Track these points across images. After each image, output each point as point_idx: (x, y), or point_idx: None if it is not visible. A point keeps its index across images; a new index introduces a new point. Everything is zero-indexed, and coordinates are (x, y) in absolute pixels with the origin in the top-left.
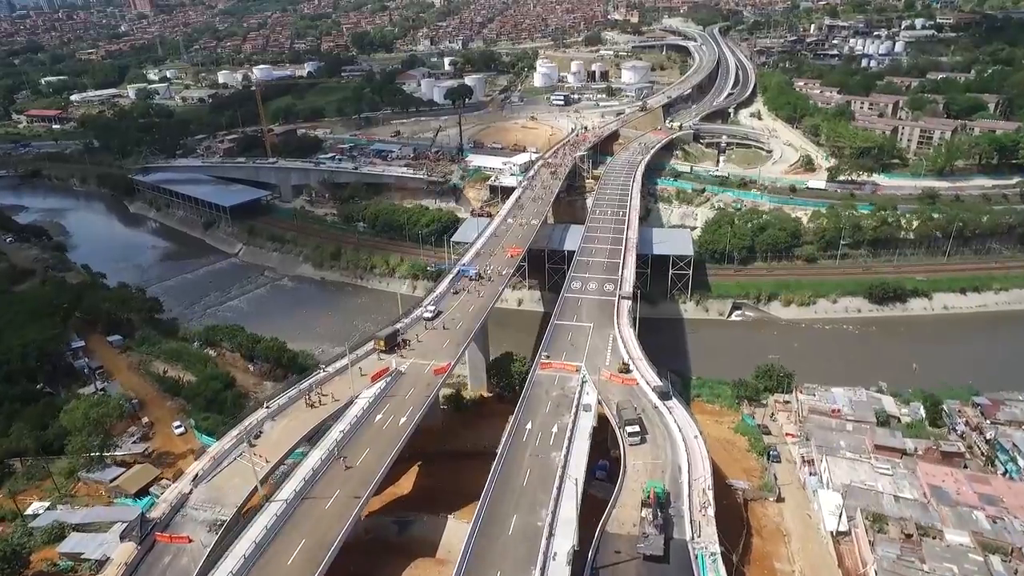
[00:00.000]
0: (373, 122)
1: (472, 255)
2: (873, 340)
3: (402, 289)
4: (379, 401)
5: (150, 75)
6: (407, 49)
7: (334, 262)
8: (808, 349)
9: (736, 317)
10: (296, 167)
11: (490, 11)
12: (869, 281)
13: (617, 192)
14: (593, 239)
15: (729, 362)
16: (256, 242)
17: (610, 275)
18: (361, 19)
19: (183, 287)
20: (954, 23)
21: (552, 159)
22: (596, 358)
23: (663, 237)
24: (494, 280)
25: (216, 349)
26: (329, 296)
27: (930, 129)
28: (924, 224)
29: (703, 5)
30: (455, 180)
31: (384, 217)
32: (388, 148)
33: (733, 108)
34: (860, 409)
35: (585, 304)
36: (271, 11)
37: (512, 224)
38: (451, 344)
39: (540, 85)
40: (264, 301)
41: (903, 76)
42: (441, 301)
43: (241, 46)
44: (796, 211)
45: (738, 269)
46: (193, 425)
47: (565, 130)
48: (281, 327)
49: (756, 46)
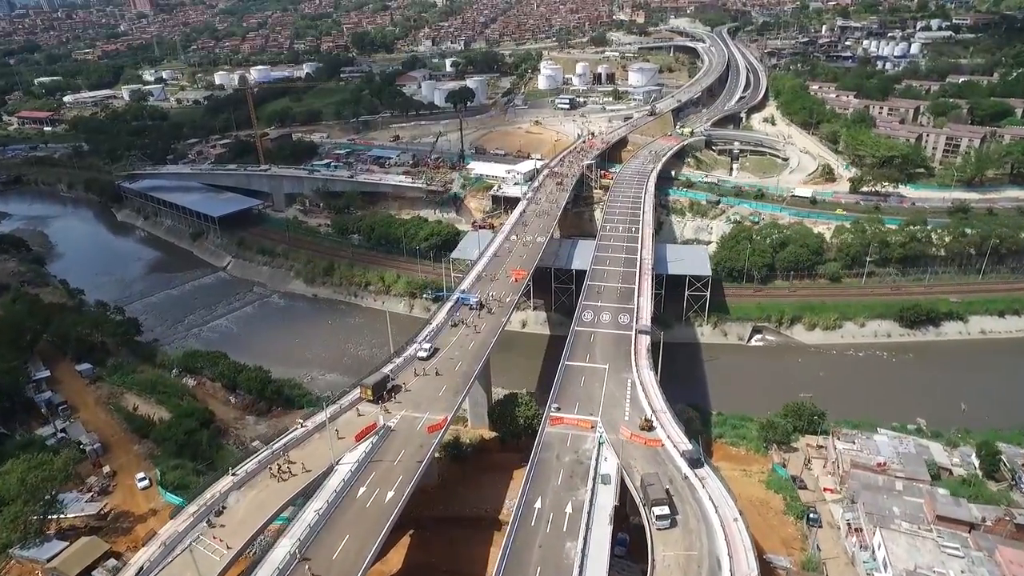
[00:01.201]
0: (371, 126)
1: (472, 279)
2: (906, 368)
3: (398, 308)
4: (363, 468)
5: (146, 76)
6: (408, 50)
7: (327, 278)
8: (836, 379)
9: (756, 342)
10: (289, 175)
11: (493, 11)
12: (899, 303)
13: (628, 205)
14: (604, 260)
15: (751, 393)
16: (246, 255)
17: (625, 304)
18: (362, 19)
19: (167, 304)
20: (971, 24)
21: (558, 168)
22: (614, 410)
23: (678, 254)
24: (496, 311)
25: (196, 377)
26: (321, 315)
27: (957, 137)
28: (956, 240)
29: (710, 5)
30: (456, 189)
31: (380, 230)
32: (386, 154)
33: (745, 113)
34: (909, 462)
35: (599, 340)
36: (272, 11)
37: (516, 242)
38: (448, 392)
39: (544, 87)
40: (251, 320)
41: (922, 79)
42: (438, 335)
43: (240, 46)
44: (818, 225)
45: (758, 289)
46: (159, 478)
47: (571, 135)
48: (268, 350)
49: (766, 47)
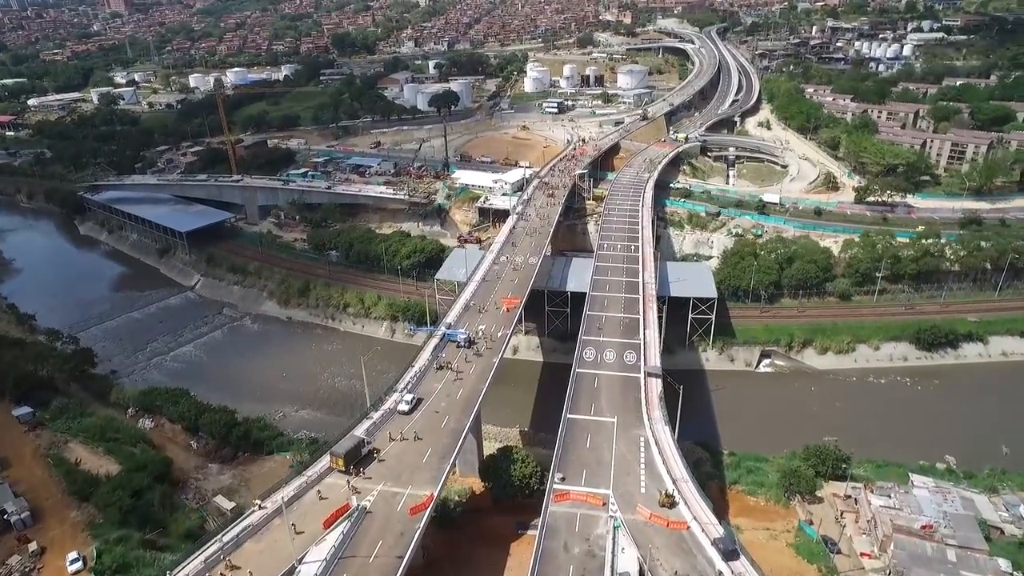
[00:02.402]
0: (351, 131)
1: (459, 309)
2: (926, 396)
3: (379, 332)
4: (331, 570)
5: (117, 78)
6: (390, 51)
7: (302, 299)
8: (853, 410)
9: (765, 367)
10: (263, 186)
11: (477, 11)
12: (915, 324)
13: (625, 219)
14: (604, 284)
15: (763, 427)
16: (216, 273)
17: (630, 337)
18: (343, 19)
19: (128, 329)
20: (962, 25)
21: (549, 178)
22: (627, 479)
23: (680, 273)
24: (486, 351)
25: (154, 418)
26: (295, 340)
27: (962, 143)
28: (972, 255)
29: (697, 5)
30: (440, 200)
31: (359, 246)
32: (366, 162)
33: (739, 117)
34: (959, 525)
35: (604, 385)
36: (251, 11)
37: (505, 264)
38: (433, 457)
39: (531, 90)
40: (220, 347)
41: (918, 82)
42: (420, 382)
43: (216, 47)
44: (824, 238)
45: (764, 309)
46: (95, 558)
47: (560, 141)
48: (237, 382)
49: (757, 49)
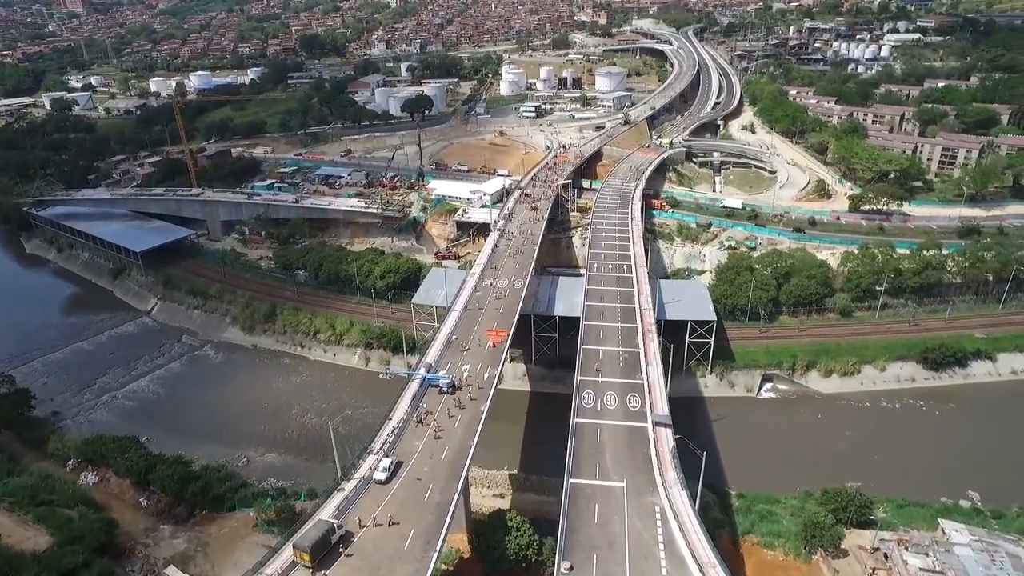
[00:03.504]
0: (321, 138)
1: (440, 345)
2: (938, 421)
3: (352, 361)
4: None
5: (71, 81)
6: (361, 53)
7: (268, 324)
8: (864, 437)
9: (767, 393)
10: (226, 200)
11: (449, 12)
12: (921, 342)
13: (614, 234)
14: (597, 312)
15: (771, 462)
16: (174, 296)
17: (631, 376)
18: (312, 20)
19: (75, 361)
20: (936, 26)
21: (531, 190)
22: (645, 565)
23: (674, 293)
24: (471, 400)
25: (99, 470)
26: (261, 371)
27: (953, 147)
28: (975, 267)
29: (672, 5)
30: (415, 213)
31: (329, 266)
32: (336, 172)
33: (722, 120)
34: None
35: (607, 439)
36: (216, 11)
37: (488, 288)
38: (417, 541)
39: (507, 93)
40: (178, 381)
41: (899, 84)
42: (399, 440)
43: (179, 50)
44: (821, 250)
45: (763, 329)
46: None
47: (540, 148)
48: (196, 422)
49: (736, 50)
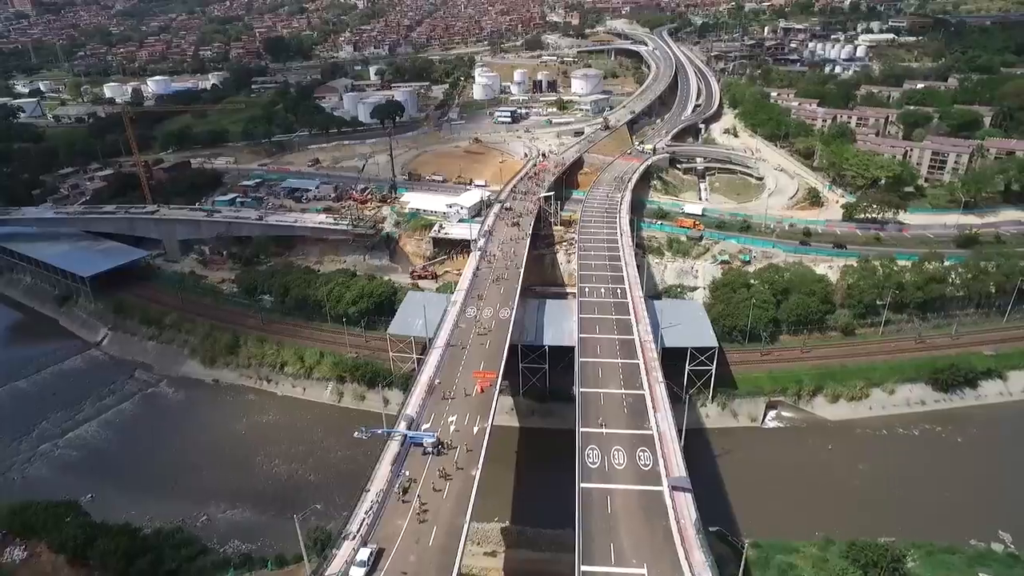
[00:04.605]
0: (286, 147)
1: (421, 394)
2: (955, 449)
3: (323, 396)
4: None
5: (18, 87)
6: (328, 56)
7: (231, 356)
8: (880, 469)
9: (772, 421)
10: (183, 218)
11: (418, 13)
12: (930, 361)
13: (604, 253)
14: (593, 346)
15: (784, 501)
16: (127, 325)
17: (638, 426)
18: (276, 22)
19: (12, 403)
20: (909, 27)
21: (511, 203)
22: None
23: (671, 315)
24: (459, 466)
25: (28, 544)
26: (224, 410)
27: (943, 152)
28: (978, 279)
29: (645, 6)
30: (389, 228)
31: (296, 290)
32: (303, 185)
33: (703, 124)
34: None
35: (619, 508)
36: (176, 13)
37: (471, 320)
38: None
39: (481, 97)
40: (130, 425)
41: (879, 85)
42: (379, 518)
43: (136, 53)
44: (818, 263)
45: (765, 351)
46: None
47: (518, 155)
48: (149, 474)
49: (712, 51)
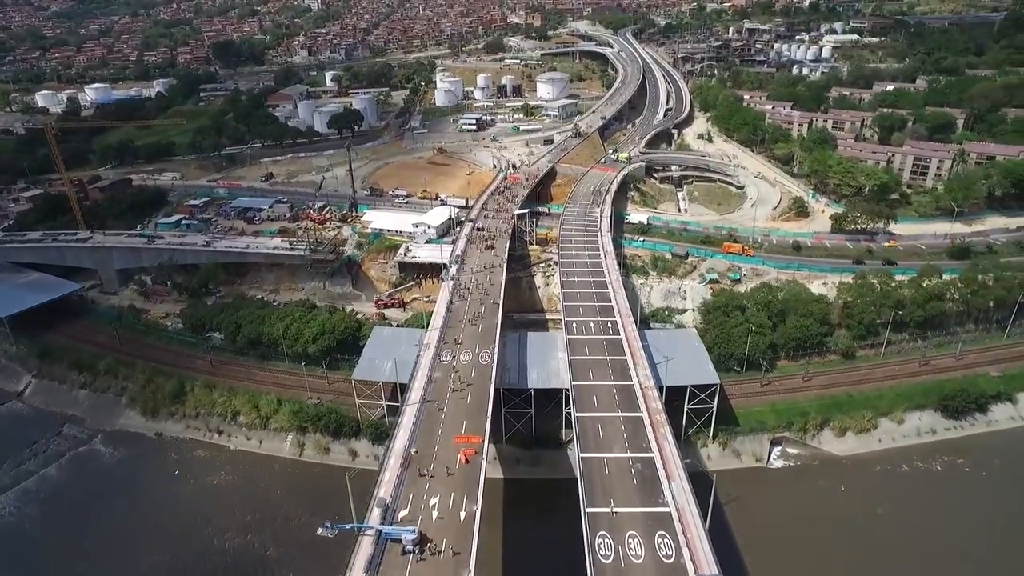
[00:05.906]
0: (238, 160)
1: (395, 472)
2: (971, 484)
3: (283, 449)
4: None
5: None
6: (281, 61)
7: (176, 406)
8: (898, 514)
9: (778, 459)
10: (121, 245)
11: (375, 15)
12: (937, 386)
13: (588, 276)
14: (589, 395)
15: (799, 555)
16: (54, 372)
17: (652, 502)
18: (227, 25)
19: None
20: (871, 28)
21: (483, 222)
22: None
23: (665, 347)
24: (444, 558)
25: None
26: (168, 469)
27: (925, 157)
28: (977, 294)
29: (606, 7)
30: (350, 251)
31: (249, 327)
32: (256, 204)
33: (675, 128)
34: None
35: None
36: (118, 15)
37: (447, 368)
38: None
39: (443, 103)
40: (55, 494)
41: (850, 87)
42: None
43: (73, 58)
44: (812, 280)
45: (765, 381)
46: None
47: (486, 166)
48: (75, 561)
49: (679, 52)
